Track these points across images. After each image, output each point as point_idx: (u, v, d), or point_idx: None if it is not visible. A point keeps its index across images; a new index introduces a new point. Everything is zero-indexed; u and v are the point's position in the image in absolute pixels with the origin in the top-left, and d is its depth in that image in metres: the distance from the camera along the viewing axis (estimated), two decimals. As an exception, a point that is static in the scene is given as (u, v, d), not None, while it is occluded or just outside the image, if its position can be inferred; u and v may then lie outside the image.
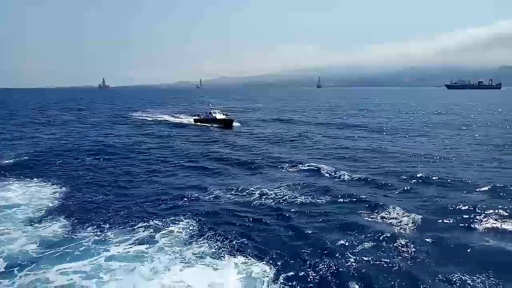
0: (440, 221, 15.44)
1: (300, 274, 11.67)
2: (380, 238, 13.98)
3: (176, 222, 15.46)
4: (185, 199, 18.70)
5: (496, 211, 16.11)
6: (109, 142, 37.43)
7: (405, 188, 20.15)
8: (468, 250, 12.97)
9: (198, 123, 55.13)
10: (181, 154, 32.01)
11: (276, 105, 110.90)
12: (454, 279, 11.19)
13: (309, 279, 11.49)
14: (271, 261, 12.47)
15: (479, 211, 16.20)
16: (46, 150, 33.07)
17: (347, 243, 13.62)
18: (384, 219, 15.87)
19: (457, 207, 16.80)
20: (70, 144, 36.66)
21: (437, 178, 21.69)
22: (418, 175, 22.21)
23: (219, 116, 53.69)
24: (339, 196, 18.91)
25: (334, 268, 12.02)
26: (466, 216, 15.70)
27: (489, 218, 15.56)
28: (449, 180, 21.16)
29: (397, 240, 13.75)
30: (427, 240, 13.81)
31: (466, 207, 16.70)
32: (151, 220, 15.57)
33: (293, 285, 11.11)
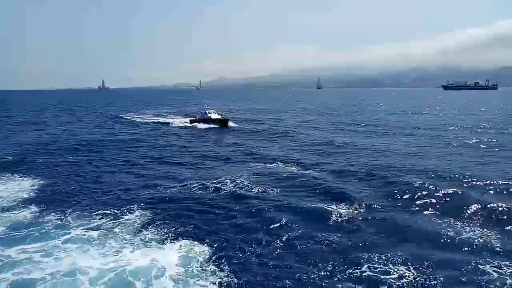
0: (383, 206, 17.12)
1: (231, 254, 13.21)
2: (322, 221, 15.72)
3: (132, 211, 17.01)
4: (147, 190, 20.34)
5: (436, 195, 17.83)
6: (93, 141, 39.17)
7: (360, 178, 21.94)
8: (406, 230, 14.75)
9: (194, 124, 54.96)
10: (160, 150, 33.88)
11: (274, 105, 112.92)
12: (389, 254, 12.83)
13: (239, 256, 13.06)
14: (210, 243, 14.01)
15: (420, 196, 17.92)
16: (33, 148, 34.80)
17: (286, 227, 15.24)
18: (332, 206, 17.44)
19: (400, 195, 18.59)
20: (57, 142, 38.34)
21: (387, 169, 23.82)
22: (372, 166, 24.20)
23: (214, 116, 54.19)
24: (295, 185, 20.72)
25: (266, 247, 13.57)
26: (409, 201, 17.82)
27: (428, 202, 17.54)
28: (395, 172, 22.90)
29: (339, 222, 15.50)
30: (365, 221, 15.56)
31: (408, 195, 18.41)
32: (111, 209, 17.16)
33: (222, 261, 12.64)
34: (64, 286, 11.48)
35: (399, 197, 18.59)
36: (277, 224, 15.44)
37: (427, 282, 11.14)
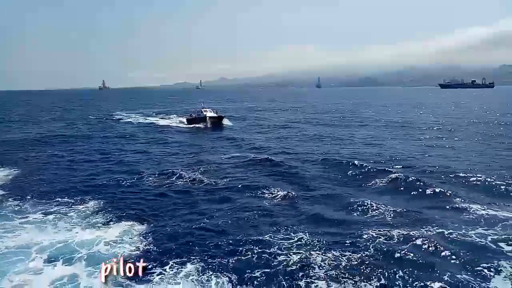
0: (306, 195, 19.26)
1: (163, 230, 15.30)
2: (246, 202, 17.99)
3: (87, 199, 19.00)
4: (106, 181, 22.55)
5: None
6: (75, 136, 42.05)
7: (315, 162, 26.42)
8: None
9: (191, 123, 55.35)
10: (134, 144, 37.05)
11: (269, 104, 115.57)
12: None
13: (168, 230, 15.25)
14: (149, 222, 16.12)
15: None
16: (18, 142, 37.83)
17: (217, 210, 17.31)
18: (278, 185, 20.69)
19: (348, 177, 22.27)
20: (41, 138, 40.90)
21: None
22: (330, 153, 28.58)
23: (210, 114, 55.02)
24: (242, 176, 22.90)
25: (197, 224, 15.61)
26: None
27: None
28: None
29: (260, 205, 17.58)
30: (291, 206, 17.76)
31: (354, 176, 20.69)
32: (67, 198, 19.19)
33: (150, 234, 14.86)
34: (18, 255, 13.48)
35: (344, 179, 22.33)
36: (210, 208, 17.58)
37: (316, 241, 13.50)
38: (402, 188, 19.89)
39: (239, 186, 20.91)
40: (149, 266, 11.95)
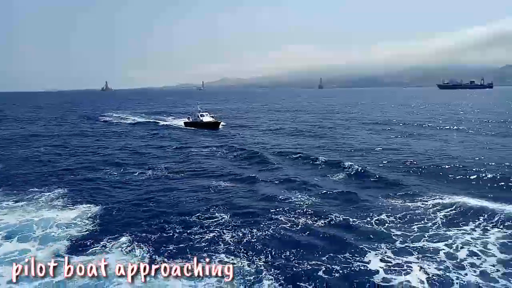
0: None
1: (109, 209, 18.15)
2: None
3: (53, 190, 21.66)
4: (73, 173, 25.70)
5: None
6: (61, 133, 45.89)
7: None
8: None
9: (189, 127, 55.69)
10: (113, 141, 40.43)
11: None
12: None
13: (116, 210, 18.11)
14: (103, 205, 18.86)
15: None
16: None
17: (165, 195, 20.08)
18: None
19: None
20: (27, 134, 45.40)
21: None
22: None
23: (206, 118, 54.53)
24: (217, 167, 26.74)
25: (142, 207, 18.34)
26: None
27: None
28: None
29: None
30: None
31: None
32: (35, 188, 21.99)
33: (99, 212, 17.64)
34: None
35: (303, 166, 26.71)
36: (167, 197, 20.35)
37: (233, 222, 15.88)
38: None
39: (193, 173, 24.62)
40: (89, 243, 14.47)
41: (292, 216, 16.83)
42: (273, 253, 13.42)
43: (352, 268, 12.22)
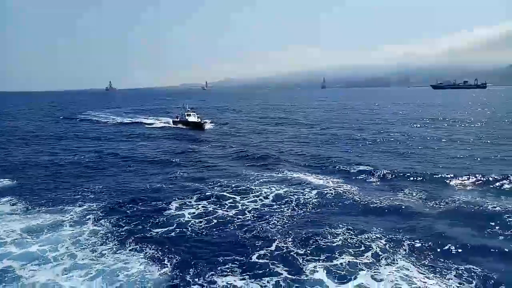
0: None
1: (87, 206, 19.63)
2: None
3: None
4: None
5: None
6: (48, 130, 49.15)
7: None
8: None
9: (176, 124, 56.64)
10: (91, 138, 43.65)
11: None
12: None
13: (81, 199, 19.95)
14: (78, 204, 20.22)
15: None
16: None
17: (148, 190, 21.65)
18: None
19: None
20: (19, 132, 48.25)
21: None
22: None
23: (192, 119, 54.83)
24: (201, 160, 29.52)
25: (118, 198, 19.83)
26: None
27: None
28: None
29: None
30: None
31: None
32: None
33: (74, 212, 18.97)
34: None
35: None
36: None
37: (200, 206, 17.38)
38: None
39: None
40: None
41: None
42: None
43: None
